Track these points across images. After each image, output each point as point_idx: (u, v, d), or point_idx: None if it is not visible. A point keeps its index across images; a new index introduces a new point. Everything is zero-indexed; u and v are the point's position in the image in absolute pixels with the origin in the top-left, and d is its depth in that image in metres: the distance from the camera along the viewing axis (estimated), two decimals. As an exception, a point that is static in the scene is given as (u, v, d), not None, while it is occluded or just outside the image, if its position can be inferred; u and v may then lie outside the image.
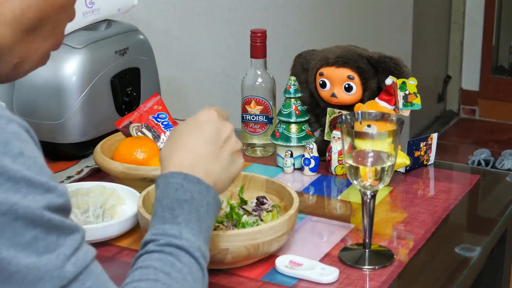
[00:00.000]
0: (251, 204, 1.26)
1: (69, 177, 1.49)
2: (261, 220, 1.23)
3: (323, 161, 1.54)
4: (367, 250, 1.20)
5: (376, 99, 1.46)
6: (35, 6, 0.88)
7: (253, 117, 1.60)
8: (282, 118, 1.54)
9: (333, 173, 1.52)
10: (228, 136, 1.04)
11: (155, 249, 0.91)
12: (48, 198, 0.76)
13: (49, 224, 0.76)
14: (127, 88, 1.62)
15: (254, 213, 1.24)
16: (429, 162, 1.56)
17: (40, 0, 0.88)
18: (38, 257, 0.75)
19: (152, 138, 1.50)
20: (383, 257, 1.20)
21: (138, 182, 1.34)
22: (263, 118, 1.60)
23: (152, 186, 1.26)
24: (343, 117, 1.16)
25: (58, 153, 1.56)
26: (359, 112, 1.19)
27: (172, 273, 0.88)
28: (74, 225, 0.80)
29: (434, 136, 1.56)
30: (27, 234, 0.75)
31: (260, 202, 1.26)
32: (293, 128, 1.53)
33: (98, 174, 1.50)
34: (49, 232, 0.76)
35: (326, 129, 1.57)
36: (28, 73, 0.94)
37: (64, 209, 0.79)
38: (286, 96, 1.54)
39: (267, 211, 1.25)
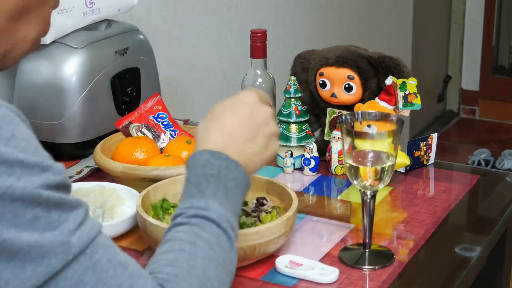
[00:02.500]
0: (251, 205, 1.26)
1: (69, 177, 1.49)
2: (260, 221, 1.22)
3: (323, 161, 1.54)
4: (367, 250, 1.20)
5: (376, 99, 1.46)
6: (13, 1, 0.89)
7: (253, 117, 1.60)
8: (282, 118, 1.54)
9: (333, 173, 1.52)
10: (265, 120, 1.03)
11: (182, 221, 0.92)
12: (45, 177, 0.77)
13: (48, 202, 0.77)
14: (127, 88, 1.62)
15: (253, 214, 1.24)
16: (429, 162, 1.56)
17: None
18: (41, 234, 0.76)
19: (152, 138, 1.50)
20: (383, 257, 1.20)
21: (138, 182, 1.34)
22: (263, 118, 1.59)
23: (152, 186, 1.26)
24: (343, 117, 1.16)
25: (58, 153, 1.55)
26: (359, 112, 1.19)
27: (197, 242, 0.89)
28: (76, 200, 0.81)
29: (434, 136, 1.56)
30: (27, 214, 0.75)
31: (259, 203, 1.26)
32: (293, 128, 1.53)
33: (98, 174, 1.49)
34: (50, 210, 0.77)
35: (326, 129, 1.57)
36: (18, 61, 0.96)
37: (63, 186, 0.80)
38: (286, 96, 1.54)
39: (267, 212, 1.24)
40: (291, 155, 1.53)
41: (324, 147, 1.56)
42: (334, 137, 1.50)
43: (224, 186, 0.95)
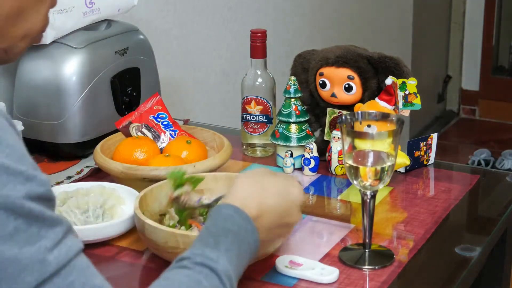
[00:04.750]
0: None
1: (69, 177, 1.49)
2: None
3: (323, 161, 1.54)
4: (367, 250, 1.20)
5: (376, 99, 1.46)
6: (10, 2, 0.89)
7: (253, 117, 1.60)
8: (282, 118, 1.54)
9: (333, 173, 1.52)
10: (296, 216, 1.09)
11: (187, 265, 0.91)
12: (29, 187, 0.76)
13: (30, 215, 0.75)
14: (127, 88, 1.62)
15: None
16: (429, 162, 1.56)
17: None
18: (20, 250, 0.74)
19: (152, 138, 1.50)
20: (383, 257, 1.20)
21: (138, 182, 1.34)
22: (263, 118, 1.60)
23: (149, 188, 1.25)
24: (343, 117, 1.16)
25: (58, 153, 1.56)
26: (359, 112, 1.19)
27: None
28: (56, 217, 0.79)
29: (434, 136, 1.56)
30: (10, 225, 0.74)
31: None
32: (293, 128, 1.53)
33: (98, 174, 1.49)
34: (30, 224, 0.75)
35: (326, 129, 1.57)
36: (20, 55, 0.96)
37: (46, 199, 0.78)
38: (286, 96, 1.54)
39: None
40: (291, 155, 1.53)
41: (324, 147, 1.55)
42: (334, 137, 1.50)
43: (239, 248, 0.96)
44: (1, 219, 0.73)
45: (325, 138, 1.58)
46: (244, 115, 1.61)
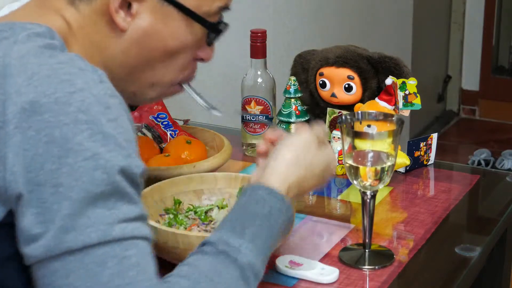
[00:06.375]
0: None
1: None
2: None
3: (323, 161, 1.54)
4: (367, 250, 1.20)
5: (376, 99, 1.46)
6: (136, 52, 0.97)
7: (253, 117, 1.60)
8: (282, 118, 1.54)
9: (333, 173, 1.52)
10: (331, 173, 1.10)
11: (210, 252, 0.92)
12: (127, 163, 0.83)
13: (117, 186, 0.82)
14: (127, 88, 1.61)
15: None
16: (429, 162, 1.56)
17: (140, 48, 0.97)
18: (93, 209, 0.81)
19: (152, 138, 1.50)
20: (383, 257, 1.20)
21: (138, 182, 1.34)
22: (263, 118, 1.60)
23: (150, 187, 1.25)
24: (343, 117, 1.16)
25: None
26: (359, 112, 1.19)
27: (215, 280, 0.89)
28: (136, 200, 0.85)
29: (434, 136, 1.56)
30: (99, 188, 0.81)
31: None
32: (293, 128, 1.53)
33: (98, 174, 1.49)
34: (112, 194, 0.82)
35: (326, 129, 1.57)
36: (150, 102, 1.08)
37: (134, 182, 0.85)
38: (286, 96, 1.54)
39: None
40: (291, 155, 1.52)
41: (324, 147, 1.55)
42: (334, 137, 1.50)
43: (269, 229, 0.97)
44: (97, 179, 0.81)
45: (325, 138, 1.57)
46: (244, 115, 1.61)
